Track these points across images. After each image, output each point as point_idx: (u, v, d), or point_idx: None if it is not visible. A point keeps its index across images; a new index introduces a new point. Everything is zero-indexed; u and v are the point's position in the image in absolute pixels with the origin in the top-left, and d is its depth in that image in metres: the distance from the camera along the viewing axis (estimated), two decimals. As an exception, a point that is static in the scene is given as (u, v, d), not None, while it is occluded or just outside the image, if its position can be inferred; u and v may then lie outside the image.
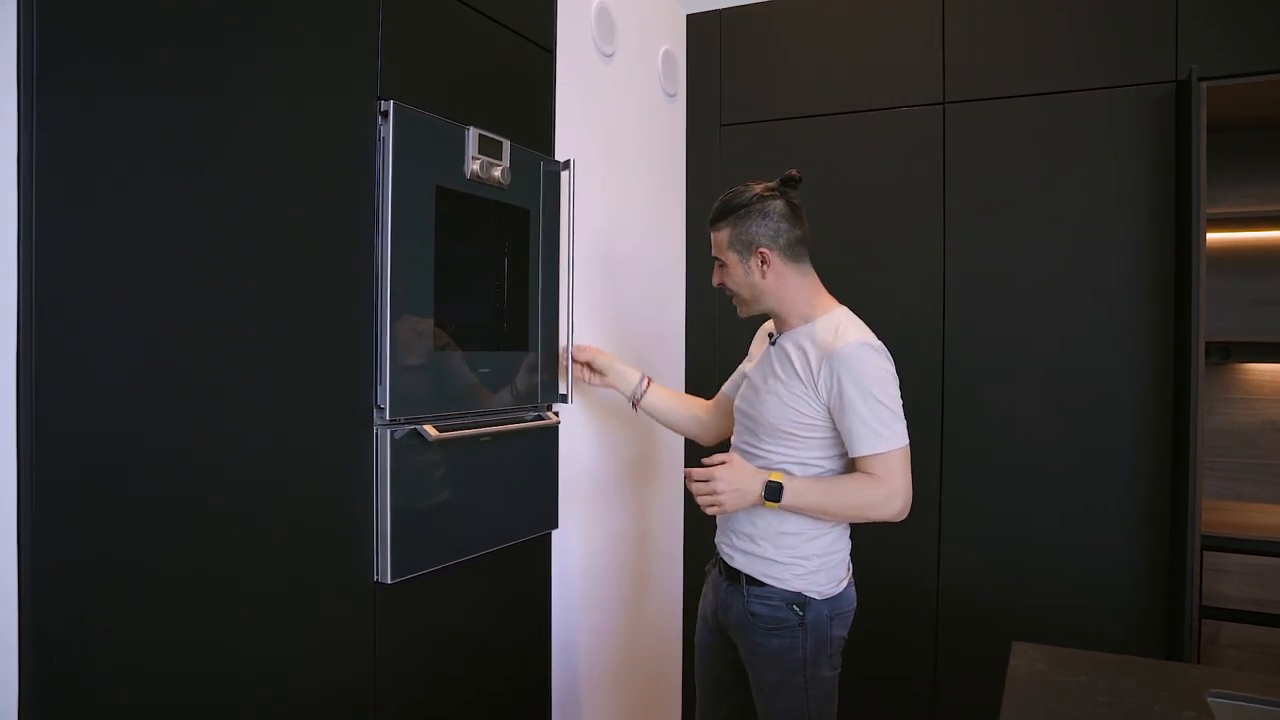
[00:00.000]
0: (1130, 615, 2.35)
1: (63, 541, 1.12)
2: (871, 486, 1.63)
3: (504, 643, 1.98)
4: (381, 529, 1.60)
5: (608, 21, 2.39)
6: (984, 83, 2.53)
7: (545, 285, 2.04)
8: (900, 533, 2.61)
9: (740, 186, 1.76)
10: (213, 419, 1.31)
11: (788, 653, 1.70)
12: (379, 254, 1.60)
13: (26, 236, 1.08)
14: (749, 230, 1.72)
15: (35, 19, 1.07)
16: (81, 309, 1.14)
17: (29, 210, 1.08)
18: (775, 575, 1.72)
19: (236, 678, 1.35)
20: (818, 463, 1.71)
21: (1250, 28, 2.24)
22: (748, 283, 1.76)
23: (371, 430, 1.59)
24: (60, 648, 1.11)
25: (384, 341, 1.59)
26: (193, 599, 1.29)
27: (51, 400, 1.10)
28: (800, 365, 1.69)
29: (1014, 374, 2.49)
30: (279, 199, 1.42)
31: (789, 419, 1.69)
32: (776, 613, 1.71)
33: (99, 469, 1.16)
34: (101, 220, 1.16)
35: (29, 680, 1.08)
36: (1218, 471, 2.67)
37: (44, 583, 1.10)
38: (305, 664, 1.47)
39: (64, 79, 1.11)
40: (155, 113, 1.22)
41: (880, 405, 1.62)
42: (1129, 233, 2.36)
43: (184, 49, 1.26)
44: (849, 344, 1.64)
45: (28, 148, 1.08)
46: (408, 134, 1.64)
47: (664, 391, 2.15)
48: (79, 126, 1.13)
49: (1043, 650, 1.40)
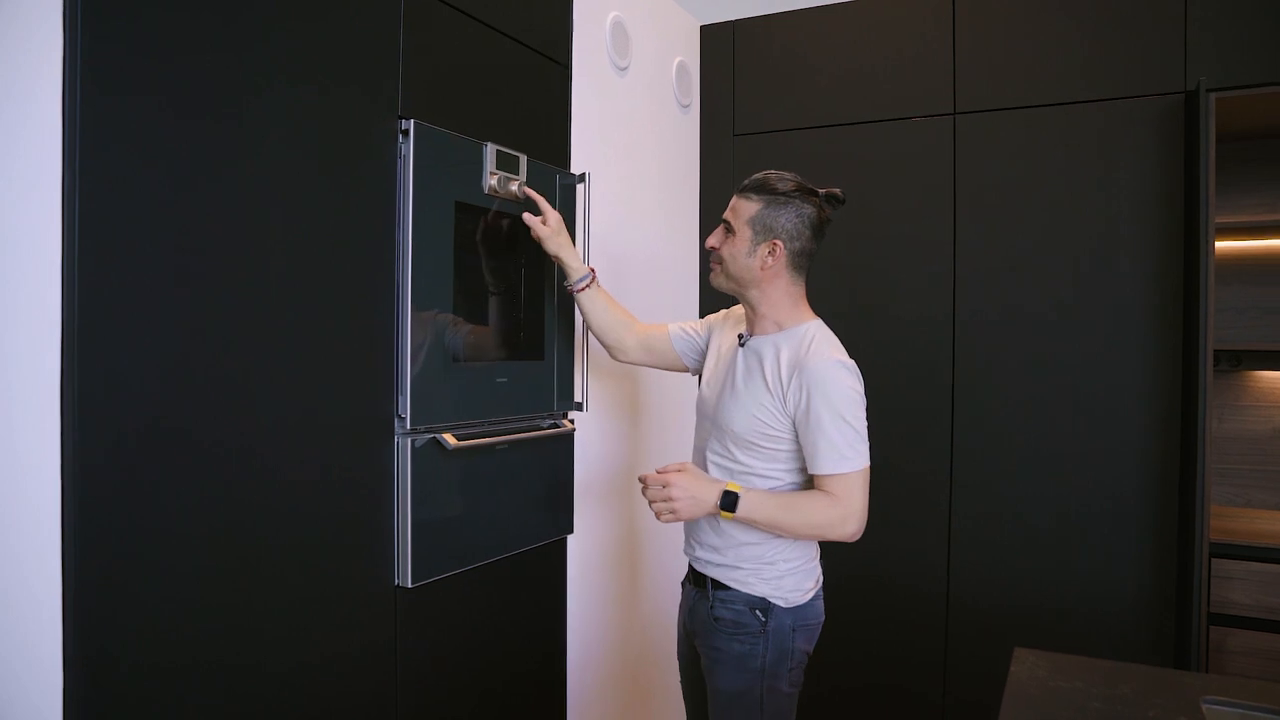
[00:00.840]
0: (1139, 621, 2.37)
1: (99, 552, 1.18)
2: (829, 506, 1.60)
3: (521, 644, 2.03)
4: (402, 534, 1.66)
5: (623, 35, 2.44)
6: (994, 93, 2.56)
7: (561, 296, 2.10)
8: (910, 540, 2.65)
9: (787, 173, 1.72)
10: (242, 430, 1.37)
11: (747, 660, 1.68)
12: (399, 269, 1.65)
13: (69, 260, 1.14)
14: (778, 217, 1.68)
15: (80, 69, 1.14)
16: (120, 324, 1.20)
17: (72, 233, 1.14)
18: (739, 579, 1.70)
19: (262, 676, 1.41)
20: (778, 475, 1.68)
21: (1258, 39, 2.26)
22: (746, 264, 1.71)
23: (393, 439, 1.65)
24: (99, 653, 1.18)
25: (404, 353, 1.65)
26: (221, 602, 1.35)
27: (84, 411, 1.16)
28: (770, 374, 1.67)
29: (1024, 381, 2.52)
30: (306, 216, 1.47)
31: (754, 429, 1.66)
32: (740, 617, 1.69)
33: (132, 477, 1.22)
34: (140, 237, 1.22)
35: (74, 684, 1.14)
36: (1228, 478, 2.69)
37: (84, 595, 1.16)
38: (330, 664, 1.53)
39: (105, 100, 1.17)
40: (190, 133, 1.29)
41: (848, 426, 1.60)
42: (1139, 241, 2.39)
43: (217, 73, 1.32)
44: (823, 360, 1.62)
45: (70, 160, 1.14)
46: (427, 151, 1.69)
47: (605, 294, 2.02)
48: (119, 152, 1.19)
49: (1044, 656, 1.44)
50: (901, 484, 2.64)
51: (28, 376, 1.14)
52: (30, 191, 1.13)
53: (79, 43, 1.14)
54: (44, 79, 1.13)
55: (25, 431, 1.13)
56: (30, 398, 1.13)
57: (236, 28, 1.35)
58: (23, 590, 1.14)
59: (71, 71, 1.13)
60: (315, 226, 1.50)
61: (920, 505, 2.64)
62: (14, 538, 1.14)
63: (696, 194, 2.98)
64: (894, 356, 2.68)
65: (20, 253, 1.13)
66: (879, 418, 2.66)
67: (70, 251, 1.14)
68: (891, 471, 2.66)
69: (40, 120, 1.13)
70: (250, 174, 1.38)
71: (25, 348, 1.14)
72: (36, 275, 1.14)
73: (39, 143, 1.13)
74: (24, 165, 1.13)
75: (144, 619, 1.24)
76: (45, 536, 1.14)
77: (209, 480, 1.32)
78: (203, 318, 1.31)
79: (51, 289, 1.14)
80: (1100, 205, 2.44)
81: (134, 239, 1.22)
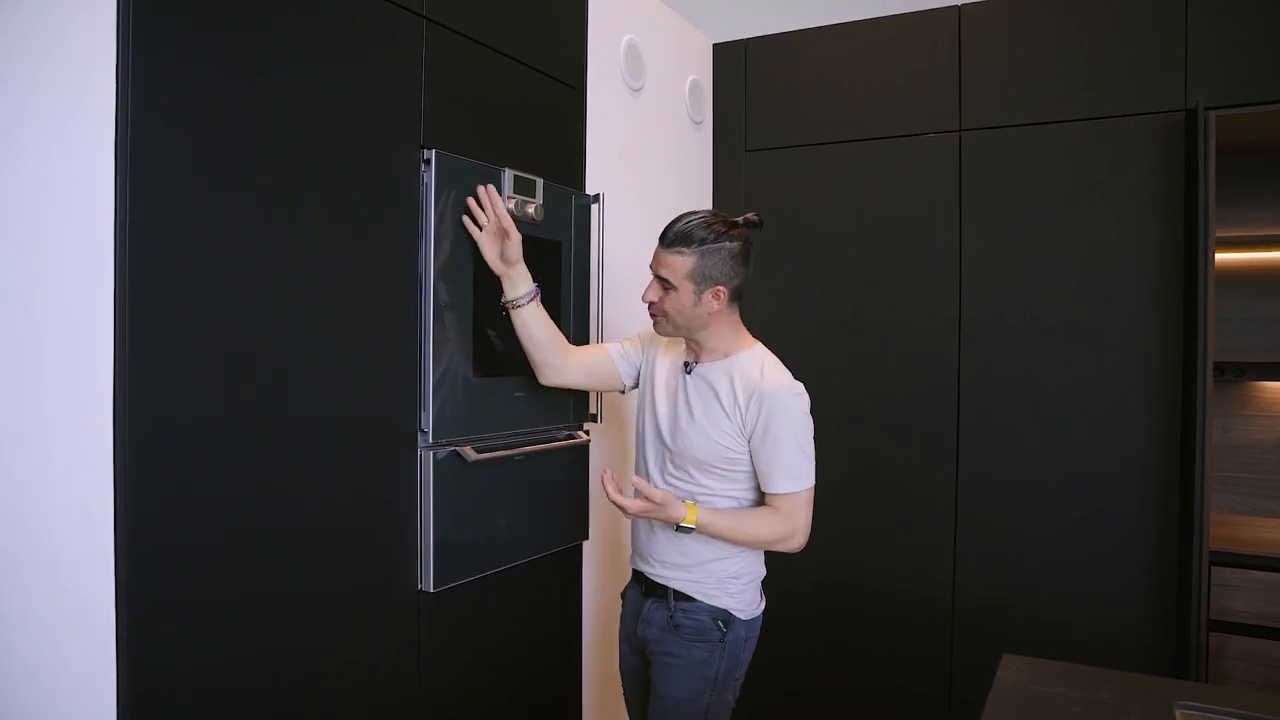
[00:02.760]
0: (1140, 627, 2.43)
1: (143, 555, 1.29)
2: (778, 522, 1.73)
3: (539, 646, 2.13)
4: (425, 541, 1.76)
5: (636, 57, 2.53)
6: (999, 111, 2.62)
7: (576, 312, 2.19)
8: (916, 546, 2.72)
9: (704, 216, 1.74)
10: (275, 447, 1.48)
11: (703, 666, 1.77)
12: (423, 291, 1.75)
13: (123, 280, 1.25)
14: (712, 265, 1.72)
15: (130, 103, 1.24)
16: (164, 350, 1.30)
17: (124, 253, 1.25)
18: (704, 592, 1.79)
19: (292, 680, 1.52)
20: (736, 495, 1.79)
21: (1258, 58, 2.30)
22: (693, 313, 1.75)
23: (416, 452, 1.75)
24: (147, 665, 1.28)
25: (427, 371, 1.75)
26: (255, 610, 1.45)
27: (134, 429, 1.27)
28: (727, 399, 1.75)
29: (1028, 392, 2.58)
30: (334, 244, 1.58)
31: (716, 454, 1.76)
32: (701, 625, 1.78)
33: (175, 494, 1.33)
34: (185, 268, 1.33)
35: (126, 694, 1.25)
36: (1231, 487, 2.73)
37: (132, 607, 1.26)
38: (357, 666, 1.63)
39: (161, 127, 1.27)
40: (226, 170, 1.39)
41: (800, 452, 1.72)
42: (1141, 254, 2.44)
43: (251, 109, 1.43)
44: (779, 387, 1.71)
45: (124, 185, 1.24)
46: (448, 178, 1.79)
47: (543, 313, 1.92)
48: (169, 184, 1.30)
49: (1029, 663, 1.51)
50: (907, 492, 2.71)
51: (80, 403, 1.24)
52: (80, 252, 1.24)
53: (128, 87, 1.24)
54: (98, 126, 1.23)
55: (79, 446, 1.24)
56: (83, 415, 1.24)
57: (271, 62, 1.45)
58: (73, 598, 1.24)
59: (123, 94, 1.24)
60: (343, 252, 1.60)
61: (925, 512, 2.70)
62: (66, 548, 1.24)
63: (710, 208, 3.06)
64: (899, 367, 2.75)
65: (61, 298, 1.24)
66: (888, 427, 2.75)
67: (122, 281, 1.25)
68: (898, 480, 2.73)
69: (94, 205, 1.24)
70: (283, 201, 1.49)
71: (76, 368, 1.24)
72: (84, 313, 1.24)
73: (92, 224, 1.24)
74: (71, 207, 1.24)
75: (182, 622, 1.34)
76: (99, 535, 1.24)
77: (244, 496, 1.42)
78: (240, 343, 1.41)
79: (104, 323, 1.24)
80: (1102, 219, 2.49)
81: (181, 266, 1.32)
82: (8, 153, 1.23)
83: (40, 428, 1.24)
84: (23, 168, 1.23)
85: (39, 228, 1.23)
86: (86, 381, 1.24)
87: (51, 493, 1.24)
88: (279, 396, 1.48)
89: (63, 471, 1.24)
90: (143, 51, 1.25)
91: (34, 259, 1.23)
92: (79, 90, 1.23)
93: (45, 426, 1.24)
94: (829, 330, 2.87)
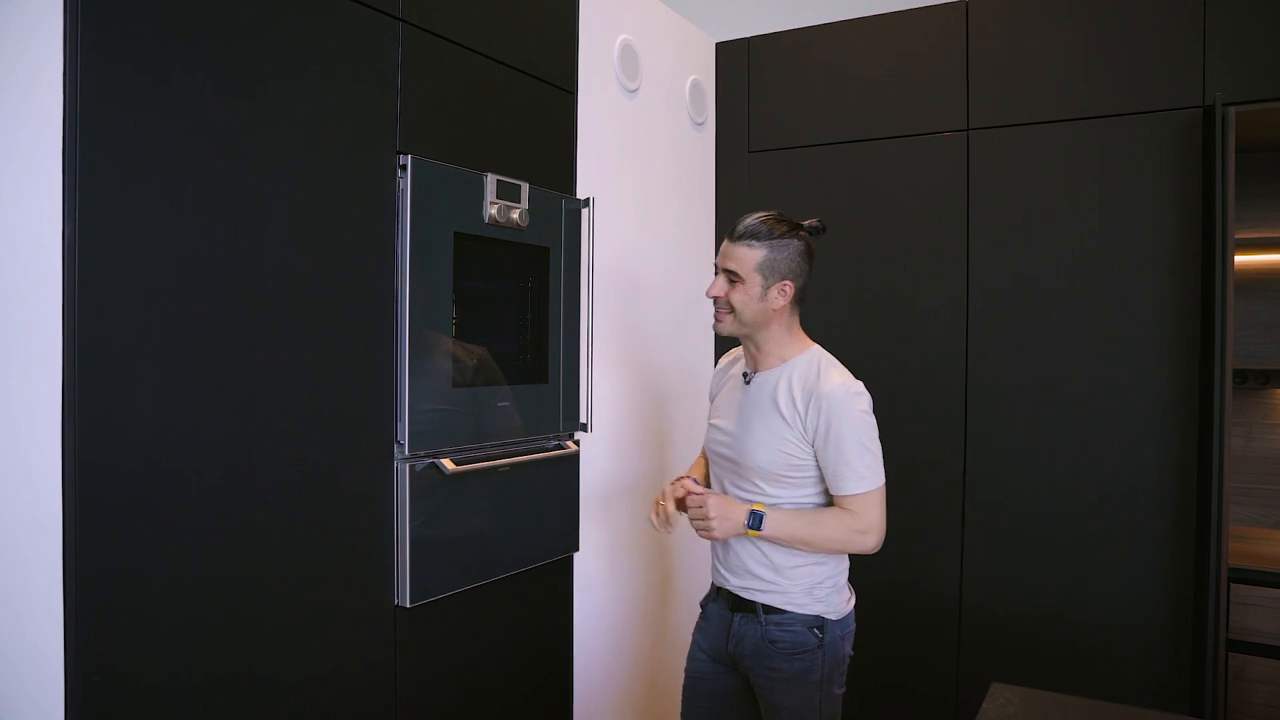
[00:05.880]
0: (1155, 644, 2.33)
1: (101, 569, 1.25)
2: (850, 521, 1.70)
3: (526, 661, 2.08)
4: (401, 556, 1.71)
5: (632, 58, 2.47)
6: (1008, 109, 2.53)
7: (566, 319, 2.14)
8: (925, 554, 2.64)
9: (774, 213, 1.76)
10: (244, 453, 1.44)
11: (807, 675, 1.75)
12: (398, 299, 1.71)
13: (70, 287, 1.21)
14: (782, 259, 1.73)
15: (79, 94, 1.21)
16: (125, 348, 1.27)
17: (73, 260, 1.21)
18: (795, 602, 1.76)
19: (260, 692, 1.48)
20: (806, 501, 1.76)
21: (1276, 53, 2.20)
22: (760, 307, 1.74)
23: (392, 465, 1.71)
24: (101, 667, 1.25)
25: (403, 381, 1.71)
26: (222, 620, 1.41)
27: (84, 438, 1.23)
28: (785, 405, 1.73)
29: (1038, 397, 2.49)
30: (306, 249, 1.54)
31: (780, 462, 1.73)
32: (797, 637, 1.75)
33: (135, 497, 1.29)
34: (145, 268, 1.29)
35: (74, 697, 1.21)
36: (1254, 497, 2.62)
37: (86, 611, 1.23)
38: (328, 682, 1.59)
39: (109, 136, 1.24)
40: (194, 168, 1.35)
41: (866, 451, 1.69)
42: (1157, 257, 2.34)
43: (221, 110, 1.39)
44: (838, 389, 1.69)
45: (71, 189, 1.21)
46: (425, 185, 1.74)
47: (698, 472, 2.02)
48: (120, 183, 1.26)
49: (1017, 692, 1.43)
50: (918, 497, 2.63)
51: (30, 398, 1.21)
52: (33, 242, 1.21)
53: (78, 85, 1.21)
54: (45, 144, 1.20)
55: (29, 448, 1.21)
56: (33, 418, 1.21)
57: (239, 66, 1.42)
58: (26, 603, 1.21)
59: (72, 95, 1.21)
60: (315, 260, 1.56)
61: (936, 518, 2.62)
62: (18, 549, 1.21)
63: (712, 210, 2.99)
64: (908, 370, 2.67)
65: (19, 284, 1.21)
66: (895, 430, 2.66)
67: (71, 276, 1.21)
68: (908, 485, 2.64)
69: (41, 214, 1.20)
70: (251, 208, 1.45)
71: (27, 370, 1.21)
72: (38, 301, 1.21)
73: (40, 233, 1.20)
74: (22, 206, 1.21)
75: (145, 636, 1.31)
76: (48, 546, 1.21)
77: (211, 502, 1.39)
78: (206, 345, 1.38)
79: (52, 316, 1.21)
80: (1116, 221, 2.40)
81: (139, 270, 1.29)
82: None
83: None
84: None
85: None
86: (37, 389, 1.21)
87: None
88: (248, 406, 1.44)
89: (13, 481, 1.21)
90: (100, 58, 1.22)
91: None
92: (24, 94, 1.20)
93: None
94: (834, 336, 2.78)
